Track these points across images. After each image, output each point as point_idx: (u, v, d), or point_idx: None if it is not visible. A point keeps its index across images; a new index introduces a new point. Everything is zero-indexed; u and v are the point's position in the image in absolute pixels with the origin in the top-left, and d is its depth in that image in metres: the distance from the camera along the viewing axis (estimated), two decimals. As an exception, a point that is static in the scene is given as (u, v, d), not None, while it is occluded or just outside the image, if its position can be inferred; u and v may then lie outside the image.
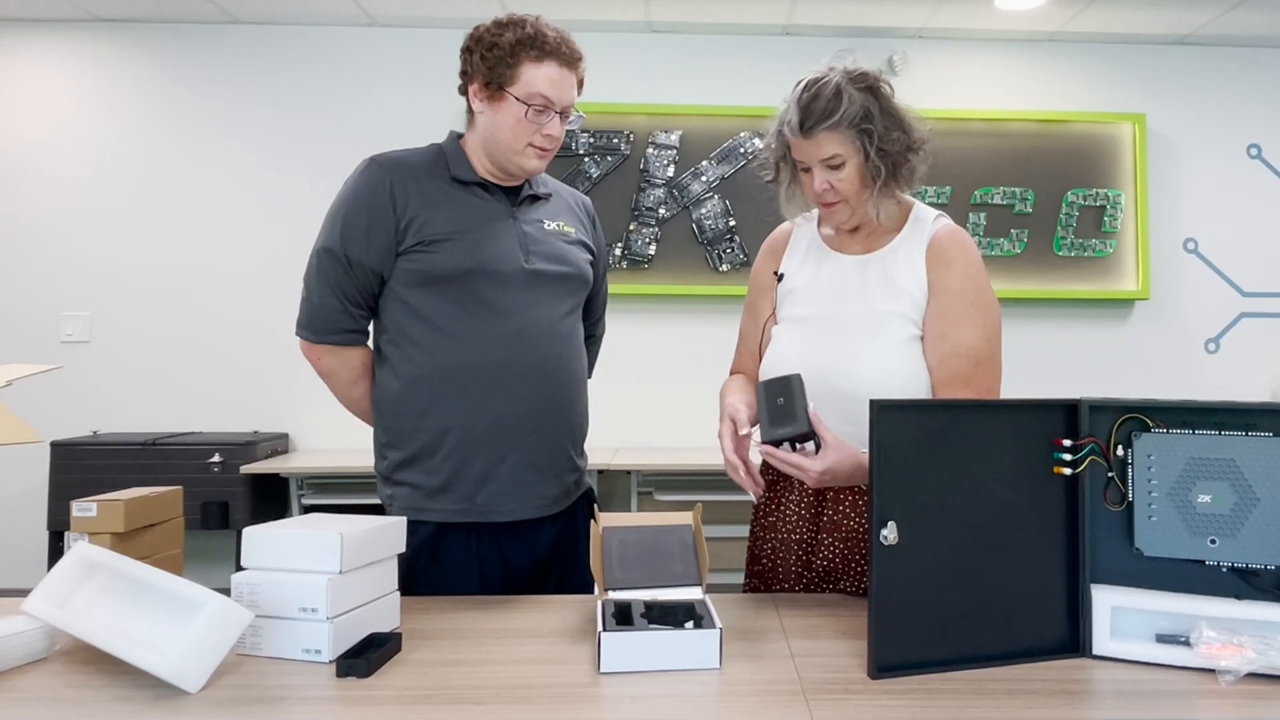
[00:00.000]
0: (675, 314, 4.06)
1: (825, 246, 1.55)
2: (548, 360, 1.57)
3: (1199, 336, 4.25)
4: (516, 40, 1.52)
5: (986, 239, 4.12)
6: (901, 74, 4.12)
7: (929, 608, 1.15)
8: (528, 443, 1.56)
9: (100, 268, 4.07)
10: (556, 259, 1.61)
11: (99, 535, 2.03)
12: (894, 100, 1.43)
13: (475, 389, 1.53)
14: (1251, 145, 4.27)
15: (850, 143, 1.40)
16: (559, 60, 1.53)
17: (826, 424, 1.33)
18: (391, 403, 1.58)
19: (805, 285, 1.53)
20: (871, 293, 1.46)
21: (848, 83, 1.39)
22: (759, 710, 1.03)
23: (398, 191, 1.53)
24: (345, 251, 1.54)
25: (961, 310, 1.42)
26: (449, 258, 1.52)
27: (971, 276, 1.44)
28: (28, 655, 1.17)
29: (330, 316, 1.57)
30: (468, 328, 1.53)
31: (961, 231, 1.48)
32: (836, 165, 1.41)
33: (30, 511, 3.93)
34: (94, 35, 4.09)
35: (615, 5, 3.89)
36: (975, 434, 1.18)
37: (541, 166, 1.60)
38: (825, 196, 1.44)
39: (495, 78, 1.53)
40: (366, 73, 4.09)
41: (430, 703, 1.05)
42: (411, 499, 1.56)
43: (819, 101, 1.39)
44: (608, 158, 4.07)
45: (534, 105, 1.52)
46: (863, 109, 1.39)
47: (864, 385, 1.38)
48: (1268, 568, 1.14)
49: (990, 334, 1.44)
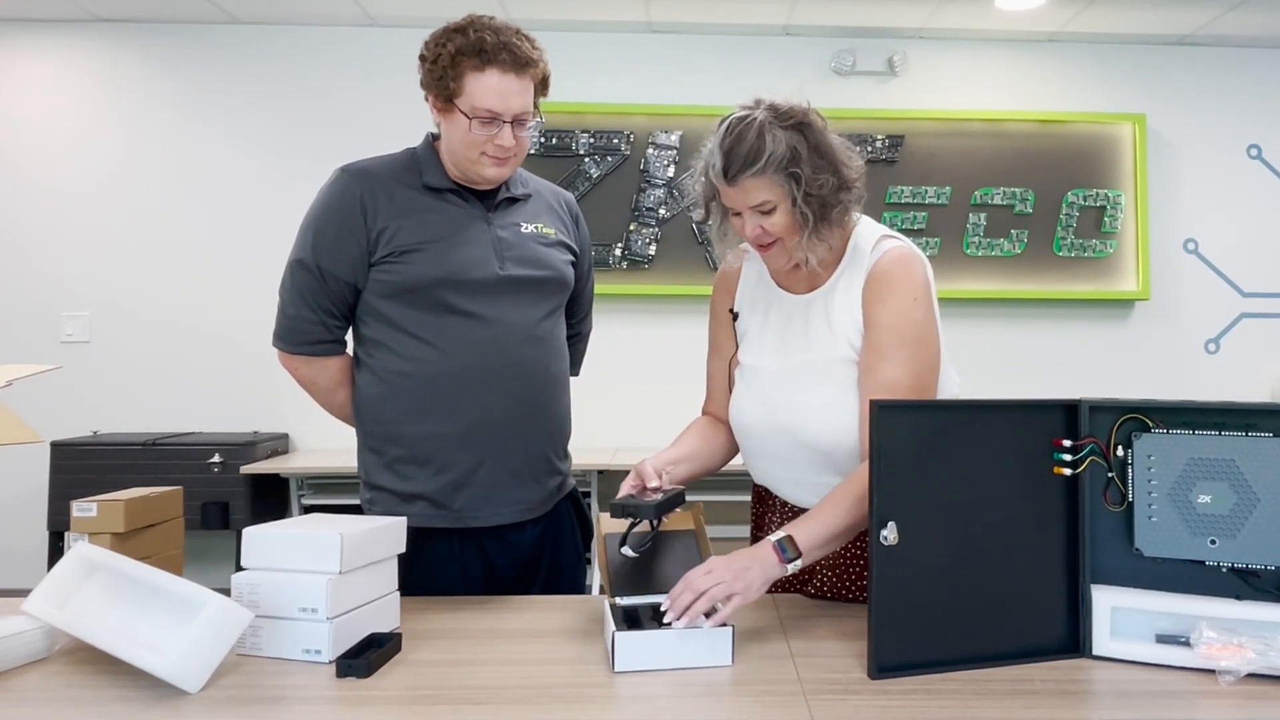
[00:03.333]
0: (675, 314, 4.07)
1: (772, 283, 1.49)
2: (524, 365, 1.56)
3: (1199, 337, 4.25)
4: (456, 50, 1.46)
5: (986, 239, 4.12)
6: (901, 74, 4.12)
7: (929, 608, 1.15)
8: (504, 448, 1.55)
9: (100, 268, 4.07)
10: (533, 263, 1.58)
11: (99, 535, 2.03)
12: (826, 135, 1.34)
13: (451, 395, 1.52)
14: (1251, 145, 4.27)
15: (778, 187, 1.31)
16: (501, 67, 1.46)
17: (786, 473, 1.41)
18: (371, 409, 1.58)
19: (756, 329, 1.49)
20: (813, 339, 1.41)
21: (772, 122, 1.31)
22: (759, 710, 1.03)
23: (368, 202, 1.52)
24: (317, 263, 1.53)
25: (890, 344, 1.34)
26: (419, 268, 1.51)
27: (904, 310, 1.34)
28: (28, 655, 1.17)
29: (304, 328, 1.56)
30: (442, 335, 1.52)
31: (905, 257, 1.38)
32: (767, 211, 1.33)
33: (30, 511, 3.93)
34: (94, 35, 4.09)
35: (615, 5, 3.89)
36: (975, 434, 1.18)
37: (502, 174, 1.55)
38: (760, 239, 1.37)
39: (442, 90, 1.49)
40: (367, 73, 4.09)
41: (430, 703, 1.05)
42: (389, 504, 1.56)
43: (742, 145, 1.30)
44: (608, 158, 4.07)
45: (479, 118, 1.47)
46: (789, 150, 1.30)
47: (818, 437, 1.37)
48: (1268, 568, 1.14)
49: (919, 368, 1.34)
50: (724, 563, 1.20)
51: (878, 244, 1.40)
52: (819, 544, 1.25)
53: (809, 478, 1.41)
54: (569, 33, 4.05)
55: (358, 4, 3.88)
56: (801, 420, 1.39)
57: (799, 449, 1.40)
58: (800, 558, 1.22)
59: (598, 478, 3.73)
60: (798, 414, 1.39)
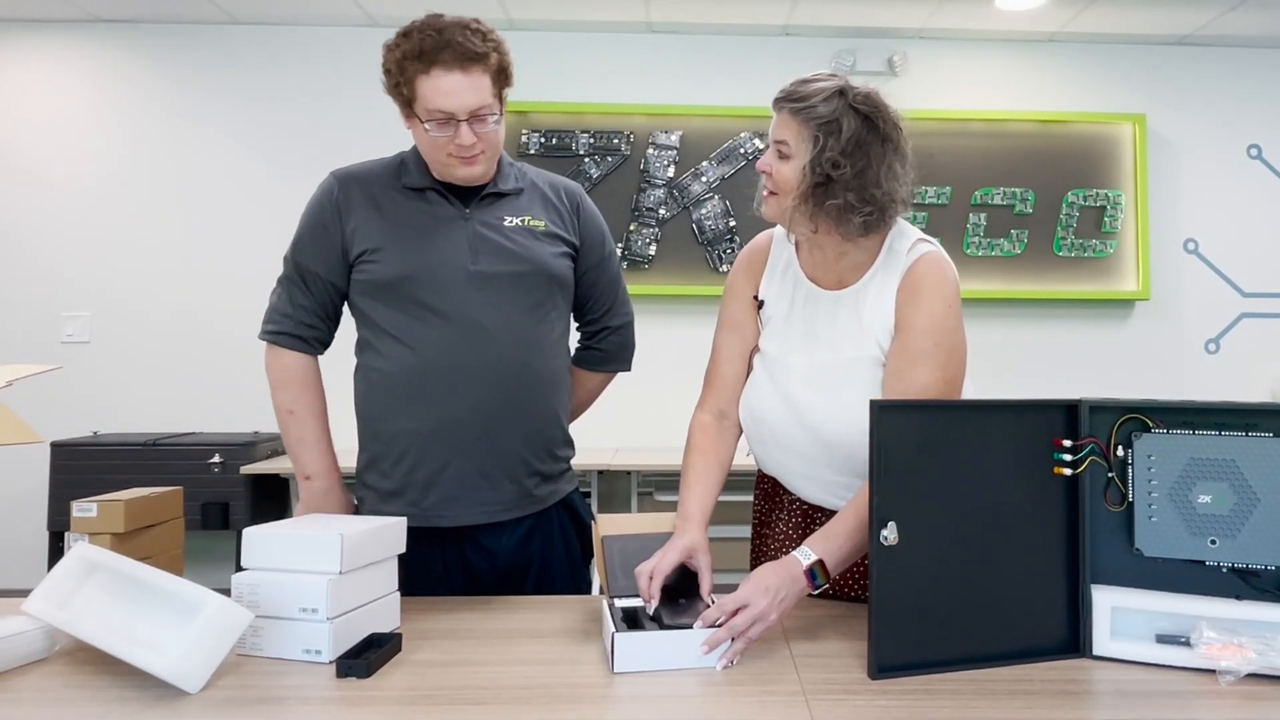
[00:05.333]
0: (675, 314, 4.07)
1: (801, 274, 1.46)
2: (498, 363, 1.53)
3: (1199, 337, 4.25)
4: (403, 56, 1.46)
5: (986, 239, 4.12)
6: (901, 74, 4.12)
7: (929, 608, 1.15)
8: (474, 447, 1.53)
9: (100, 268, 4.07)
10: (510, 258, 1.56)
11: (99, 535, 2.03)
12: (884, 146, 1.32)
13: (423, 394, 1.52)
14: (1251, 145, 4.27)
15: (803, 141, 1.31)
16: (445, 66, 1.44)
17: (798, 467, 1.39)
18: (360, 407, 1.61)
19: (782, 318, 1.46)
20: (842, 337, 1.39)
21: (844, 92, 1.32)
22: (759, 710, 1.03)
23: (343, 204, 1.56)
24: (298, 259, 1.59)
25: (923, 349, 1.33)
26: (387, 266, 1.53)
27: (939, 314, 1.34)
28: (28, 655, 1.17)
29: (274, 317, 1.60)
30: (415, 334, 1.52)
31: (940, 262, 1.37)
32: (784, 155, 1.33)
33: (30, 512, 3.93)
34: (94, 35, 4.09)
35: (615, 5, 3.89)
36: (975, 434, 1.18)
37: (474, 172, 1.53)
38: (764, 181, 1.37)
39: (399, 98, 1.50)
40: (367, 73, 4.06)
41: (430, 703, 1.05)
42: (373, 502, 1.58)
43: (804, 86, 1.32)
44: (608, 158, 4.07)
45: (433, 119, 1.46)
46: (834, 119, 1.29)
47: (841, 437, 1.36)
48: (1268, 568, 1.14)
49: (950, 375, 1.34)
50: (761, 593, 1.19)
51: (914, 246, 1.39)
52: (842, 565, 1.27)
53: (825, 475, 1.40)
54: (569, 33, 4.05)
55: (358, 4, 3.88)
56: (825, 419, 1.38)
57: (819, 446, 1.39)
58: (826, 582, 1.24)
59: (598, 478, 3.73)
60: (821, 412, 1.38)
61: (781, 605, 1.20)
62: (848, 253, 1.40)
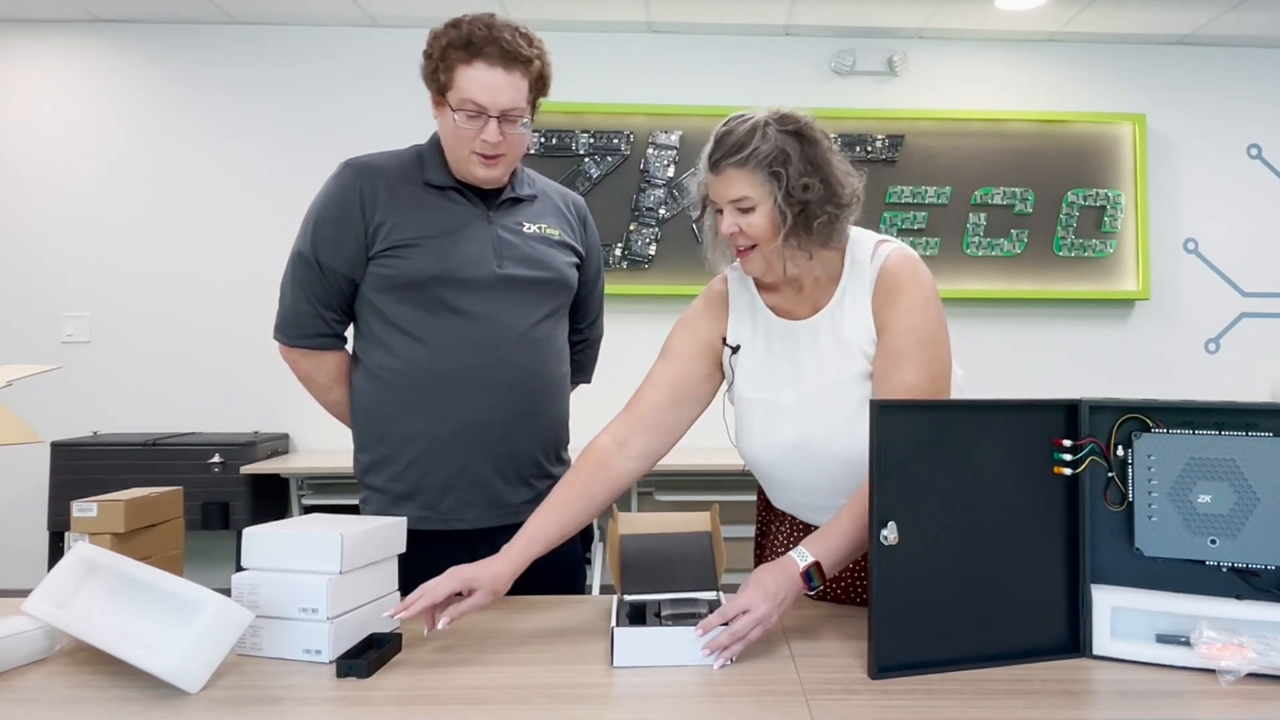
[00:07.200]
0: (675, 314, 3.99)
1: (770, 314, 1.43)
2: (518, 366, 1.54)
3: (1199, 336, 4.25)
4: (448, 44, 1.46)
5: (986, 239, 4.11)
6: (901, 74, 4.11)
7: (929, 608, 1.15)
8: (493, 450, 1.53)
9: (100, 268, 4.07)
10: (533, 263, 1.57)
11: (99, 535, 2.03)
12: (823, 149, 1.31)
13: (442, 395, 1.51)
14: (1251, 145, 4.27)
15: (760, 185, 1.28)
16: (488, 60, 1.45)
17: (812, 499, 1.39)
18: (364, 406, 1.58)
19: (759, 362, 1.43)
20: (826, 360, 1.37)
21: (770, 123, 1.29)
22: (759, 710, 1.03)
23: (367, 196, 1.52)
24: (316, 256, 1.54)
25: (905, 347, 1.32)
26: (416, 263, 1.50)
27: (917, 311, 1.33)
28: (28, 655, 1.17)
29: (303, 321, 1.57)
30: (436, 333, 1.51)
31: (908, 259, 1.36)
32: (746, 209, 1.30)
33: (30, 512, 3.93)
34: (94, 35, 4.09)
35: (615, 5, 3.89)
36: (975, 434, 1.18)
37: (492, 175, 1.53)
38: (736, 241, 1.34)
39: (434, 84, 1.50)
40: (367, 73, 4.09)
41: (430, 703, 1.05)
42: (380, 504, 1.56)
43: (731, 137, 1.29)
44: (608, 158, 4.07)
45: (465, 110, 1.46)
46: (777, 149, 1.27)
47: (847, 452, 1.34)
48: (1268, 568, 1.14)
49: (935, 370, 1.33)
50: (762, 598, 1.18)
51: (876, 250, 1.38)
52: (839, 566, 1.26)
53: (835, 502, 1.35)
54: (569, 33, 4.05)
55: (358, 4, 3.88)
56: (828, 442, 1.36)
57: (825, 472, 1.37)
58: (822, 584, 1.24)
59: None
60: (823, 438, 1.36)
61: (781, 607, 1.20)
62: (814, 273, 1.38)
